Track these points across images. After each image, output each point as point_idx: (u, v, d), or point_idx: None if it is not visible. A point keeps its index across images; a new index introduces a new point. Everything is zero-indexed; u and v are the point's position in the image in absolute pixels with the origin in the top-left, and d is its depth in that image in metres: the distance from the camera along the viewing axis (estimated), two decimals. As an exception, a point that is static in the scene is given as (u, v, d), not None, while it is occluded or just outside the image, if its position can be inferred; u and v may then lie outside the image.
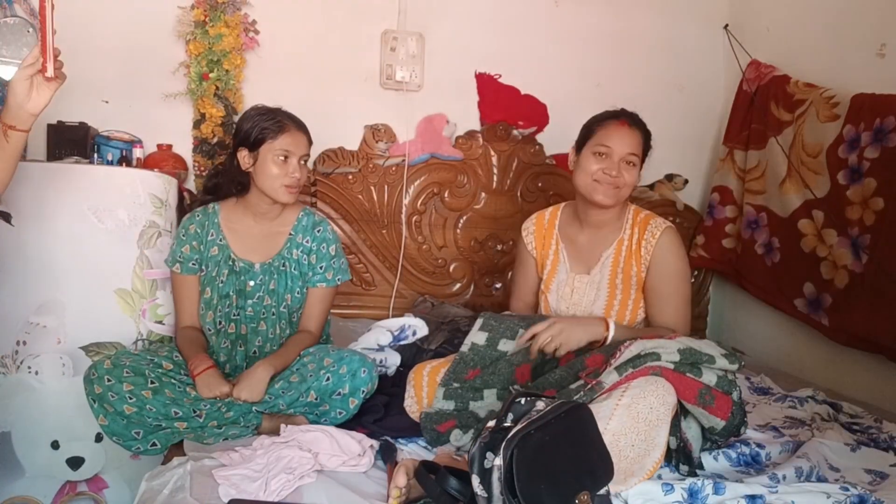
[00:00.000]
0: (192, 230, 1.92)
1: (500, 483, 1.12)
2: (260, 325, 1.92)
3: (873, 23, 2.32)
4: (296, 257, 1.93)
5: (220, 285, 1.89)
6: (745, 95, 2.78)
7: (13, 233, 1.91)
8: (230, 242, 1.92)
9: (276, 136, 1.83)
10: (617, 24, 2.93)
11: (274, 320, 1.92)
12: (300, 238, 1.94)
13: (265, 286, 1.91)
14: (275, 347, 1.91)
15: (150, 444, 1.67)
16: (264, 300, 1.90)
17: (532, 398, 1.25)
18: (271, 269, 1.91)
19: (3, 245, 1.89)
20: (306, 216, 1.97)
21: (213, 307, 1.89)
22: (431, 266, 2.82)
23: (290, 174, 1.83)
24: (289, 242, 1.93)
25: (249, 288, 1.90)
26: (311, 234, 1.95)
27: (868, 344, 2.22)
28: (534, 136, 2.87)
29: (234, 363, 1.91)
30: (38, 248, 1.85)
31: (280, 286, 1.91)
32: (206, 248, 1.91)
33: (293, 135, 1.85)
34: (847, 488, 1.39)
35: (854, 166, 2.26)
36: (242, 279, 1.90)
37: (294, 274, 1.93)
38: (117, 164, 2.30)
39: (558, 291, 1.92)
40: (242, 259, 1.91)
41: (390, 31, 2.73)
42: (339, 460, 1.51)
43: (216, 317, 1.89)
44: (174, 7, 2.50)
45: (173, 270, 1.92)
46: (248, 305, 1.90)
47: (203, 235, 1.92)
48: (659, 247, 1.78)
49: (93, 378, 1.65)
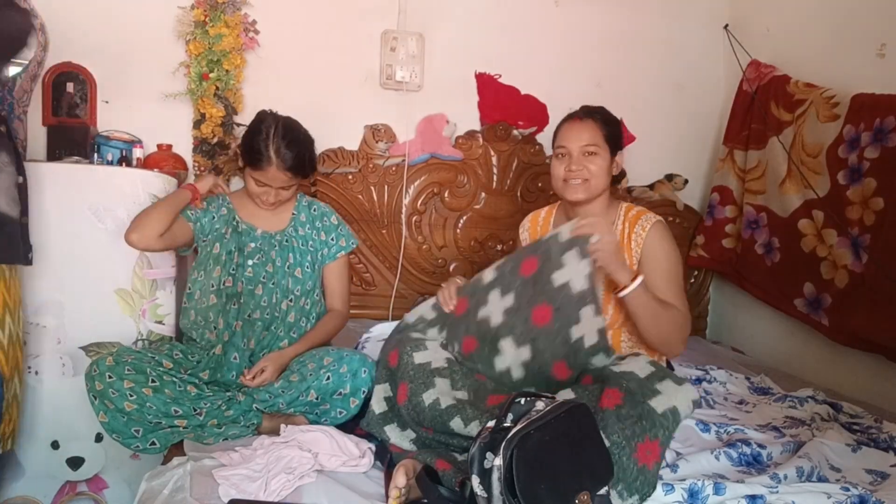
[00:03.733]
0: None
1: (500, 483, 1.12)
2: (257, 288, 1.95)
3: (873, 23, 2.32)
4: (302, 234, 2.02)
5: (226, 241, 1.96)
6: (745, 95, 2.78)
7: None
8: (237, 209, 2.01)
9: (256, 168, 1.90)
10: (617, 24, 2.93)
11: (273, 290, 1.95)
12: (303, 217, 2.04)
13: (264, 253, 1.97)
14: (266, 317, 1.94)
15: (150, 443, 1.67)
16: (265, 265, 1.96)
17: (532, 398, 1.25)
18: (272, 240, 1.99)
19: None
20: (303, 197, 2.09)
21: (220, 262, 1.94)
22: (431, 266, 2.82)
23: (264, 200, 1.94)
24: (293, 221, 2.03)
25: (249, 249, 1.97)
26: (308, 211, 2.06)
27: (868, 344, 2.22)
28: (534, 136, 2.87)
29: (227, 320, 1.90)
30: (37, 248, 1.85)
31: (283, 260, 1.97)
32: (217, 209, 1.98)
33: (271, 172, 1.90)
34: (848, 488, 1.39)
35: (854, 166, 2.26)
36: (243, 239, 1.97)
37: (302, 249, 2.01)
38: (117, 164, 2.30)
39: None
40: (245, 221, 1.99)
41: (390, 31, 2.73)
42: (339, 460, 1.51)
43: (220, 273, 1.93)
44: (174, 7, 2.50)
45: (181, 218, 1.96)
46: (248, 265, 1.95)
47: (212, 201, 2.00)
48: (649, 239, 1.81)
49: (94, 375, 1.65)
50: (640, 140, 2.91)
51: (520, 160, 2.85)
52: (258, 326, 1.92)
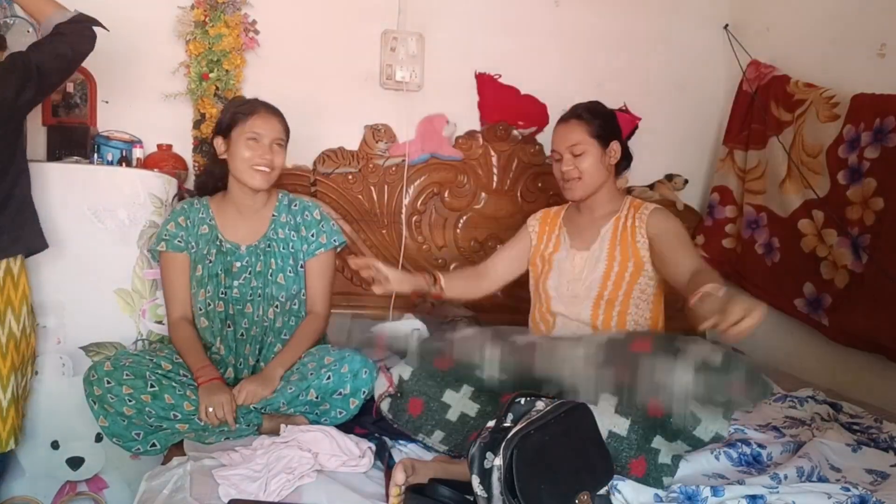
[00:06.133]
0: (179, 207, 1.95)
1: (500, 483, 1.12)
2: (246, 307, 1.91)
3: (873, 23, 2.31)
4: (282, 237, 1.94)
5: (210, 264, 1.90)
6: (745, 95, 2.78)
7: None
8: (219, 224, 1.93)
9: (247, 118, 1.85)
10: (617, 24, 2.93)
11: (260, 302, 1.91)
12: (284, 217, 1.96)
13: (252, 268, 1.91)
14: (259, 329, 1.90)
15: (150, 445, 1.67)
16: (250, 282, 1.90)
17: (532, 398, 1.25)
18: (257, 251, 1.92)
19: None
20: (285, 196, 2.01)
21: (203, 285, 1.89)
22: (431, 266, 2.81)
23: (260, 155, 1.84)
24: (273, 223, 1.95)
25: (235, 269, 1.90)
26: (288, 210, 1.98)
27: (868, 344, 2.22)
28: (534, 136, 2.87)
29: (227, 343, 1.90)
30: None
31: (265, 267, 1.91)
32: (194, 226, 1.92)
33: (263, 117, 1.86)
34: (848, 489, 1.39)
35: (854, 166, 2.26)
36: (229, 259, 1.91)
37: (283, 253, 1.93)
38: (117, 164, 2.30)
39: (559, 267, 2.00)
40: (229, 241, 1.92)
41: (390, 31, 2.73)
42: (339, 460, 1.51)
43: (207, 296, 1.89)
44: (174, 7, 2.50)
45: (159, 250, 1.91)
46: (234, 286, 1.90)
47: (191, 213, 1.93)
48: (654, 220, 1.89)
49: (92, 380, 1.65)
50: (641, 140, 2.91)
51: (520, 160, 2.84)
52: (254, 341, 1.91)
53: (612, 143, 1.92)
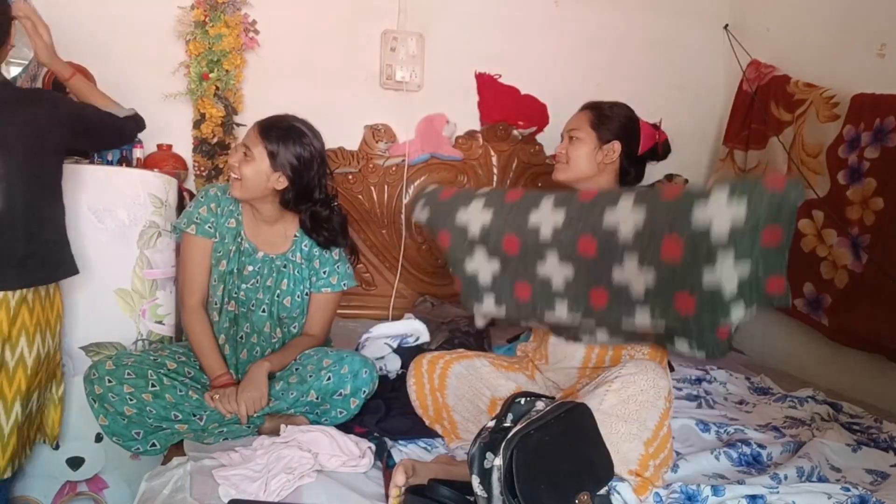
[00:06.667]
0: (213, 193, 1.88)
1: (499, 483, 1.12)
2: (249, 312, 1.88)
3: (873, 23, 2.32)
4: (299, 261, 1.90)
5: (230, 259, 1.86)
6: (745, 95, 2.78)
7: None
8: (244, 222, 1.89)
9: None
10: (617, 24, 2.93)
11: (261, 316, 1.88)
12: (305, 244, 1.91)
13: (261, 277, 1.88)
14: (259, 339, 1.89)
15: (150, 445, 1.67)
16: (257, 292, 1.87)
17: (532, 398, 1.25)
18: (273, 264, 1.88)
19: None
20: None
21: (224, 280, 1.86)
22: (431, 266, 2.82)
23: (232, 161, 1.81)
24: (295, 245, 1.90)
25: (247, 272, 1.87)
26: (310, 236, 1.92)
27: (868, 344, 2.22)
28: (534, 136, 2.87)
29: (233, 342, 1.89)
30: (37, 248, 1.84)
31: (276, 285, 1.88)
32: (223, 216, 1.87)
33: (249, 127, 1.84)
34: (848, 489, 1.39)
35: (854, 166, 2.26)
36: (243, 260, 1.87)
37: (296, 277, 1.89)
38: (117, 164, 2.29)
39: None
40: (249, 241, 1.88)
41: (390, 31, 2.73)
42: (339, 461, 1.51)
43: (223, 292, 1.86)
44: (174, 7, 2.50)
45: (187, 232, 1.84)
46: (242, 288, 1.87)
47: (223, 203, 1.87)
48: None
49: (93, 378, 1.64)
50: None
51: (520, 160, 2.84)
52: (252, 347, 1.90)
53: (613, 142, 1.91)
